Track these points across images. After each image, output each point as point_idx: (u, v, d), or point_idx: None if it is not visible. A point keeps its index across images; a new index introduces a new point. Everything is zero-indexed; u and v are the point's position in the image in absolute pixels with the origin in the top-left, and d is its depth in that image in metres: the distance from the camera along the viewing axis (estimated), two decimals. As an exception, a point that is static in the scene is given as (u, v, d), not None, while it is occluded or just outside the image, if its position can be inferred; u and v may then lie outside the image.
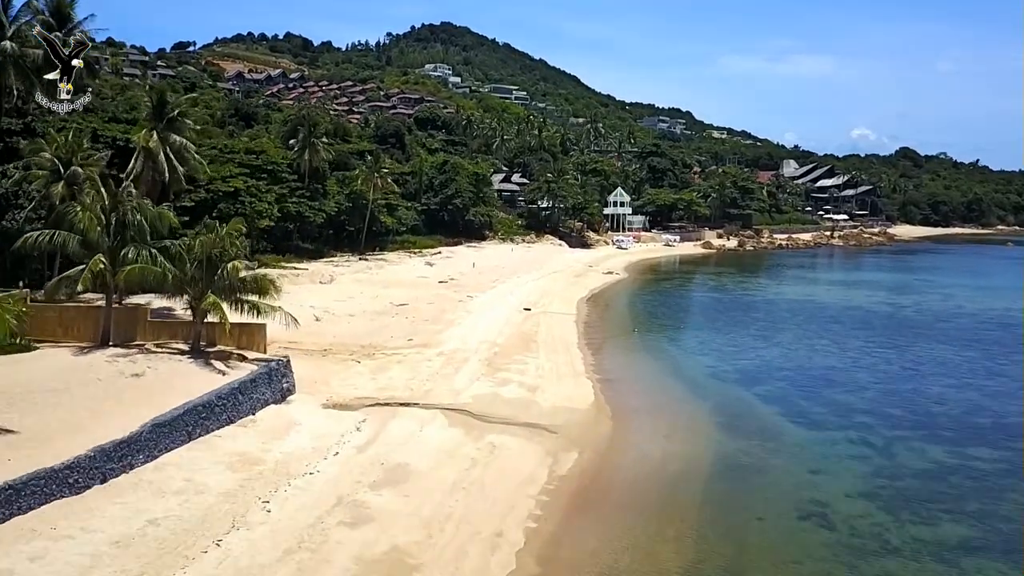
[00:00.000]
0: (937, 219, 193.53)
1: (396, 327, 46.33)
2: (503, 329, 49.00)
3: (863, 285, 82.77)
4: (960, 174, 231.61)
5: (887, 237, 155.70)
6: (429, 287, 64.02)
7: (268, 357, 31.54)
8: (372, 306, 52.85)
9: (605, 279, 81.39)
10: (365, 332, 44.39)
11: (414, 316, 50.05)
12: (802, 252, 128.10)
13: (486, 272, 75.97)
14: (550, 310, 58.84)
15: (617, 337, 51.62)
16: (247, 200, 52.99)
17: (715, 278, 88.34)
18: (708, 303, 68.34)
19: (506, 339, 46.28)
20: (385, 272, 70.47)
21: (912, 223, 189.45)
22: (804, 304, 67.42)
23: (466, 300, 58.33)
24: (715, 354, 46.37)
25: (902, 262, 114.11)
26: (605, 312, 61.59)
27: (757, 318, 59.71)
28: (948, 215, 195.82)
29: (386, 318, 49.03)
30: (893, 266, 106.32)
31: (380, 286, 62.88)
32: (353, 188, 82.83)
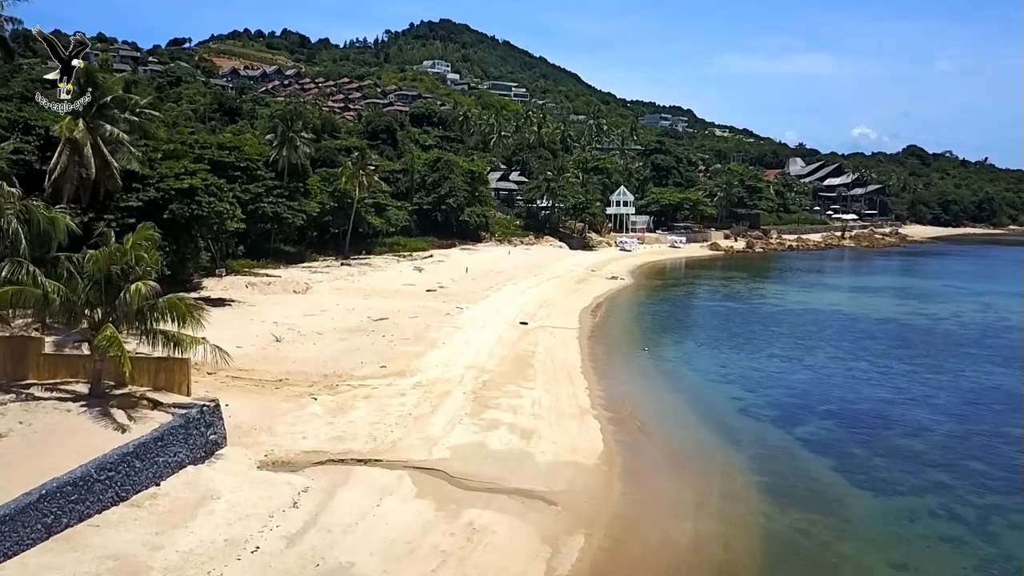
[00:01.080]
0: (948, 219, 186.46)
1: (369, 349, 39.28)
2: (495, 349, 41.95)
3: (888, 292, 75.68)
4: (969, 172, 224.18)
5: (899, 238, 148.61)
6: (415, 297, 56.96)
7: (190, 402, 24.49)
8: (346, 321, 45.80)
9: (609, 285, 74.33)
10: (332, 356, 37.36)
11: (393, 334, 42.97)
12: (813, 254, 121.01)
13: (480, 278, 68.94)
14: (549, 323, 51.82)
15: (626, 357, 44.57)
16: (205, 200, 45.84)
17: (727, 284, 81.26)
18: (723, 314, 61.27)
19: (498, 362, 39.24)
20: (368, 279, 63.41)
21: (922, 223, 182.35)
22: (830, 316, 60.39)
23: (455, 313, 51.26)
24: (740, 381, 39.32)
25: (922, 265, 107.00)
26: (611, 325, 54.56)
27: (780, 333, 52.65)
28: (959, 215, 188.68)
29: (360, 337, 41.97)
30: (914, 270, 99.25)
31: (360, 296, 55.87)
32: (337, 187, 75.84)
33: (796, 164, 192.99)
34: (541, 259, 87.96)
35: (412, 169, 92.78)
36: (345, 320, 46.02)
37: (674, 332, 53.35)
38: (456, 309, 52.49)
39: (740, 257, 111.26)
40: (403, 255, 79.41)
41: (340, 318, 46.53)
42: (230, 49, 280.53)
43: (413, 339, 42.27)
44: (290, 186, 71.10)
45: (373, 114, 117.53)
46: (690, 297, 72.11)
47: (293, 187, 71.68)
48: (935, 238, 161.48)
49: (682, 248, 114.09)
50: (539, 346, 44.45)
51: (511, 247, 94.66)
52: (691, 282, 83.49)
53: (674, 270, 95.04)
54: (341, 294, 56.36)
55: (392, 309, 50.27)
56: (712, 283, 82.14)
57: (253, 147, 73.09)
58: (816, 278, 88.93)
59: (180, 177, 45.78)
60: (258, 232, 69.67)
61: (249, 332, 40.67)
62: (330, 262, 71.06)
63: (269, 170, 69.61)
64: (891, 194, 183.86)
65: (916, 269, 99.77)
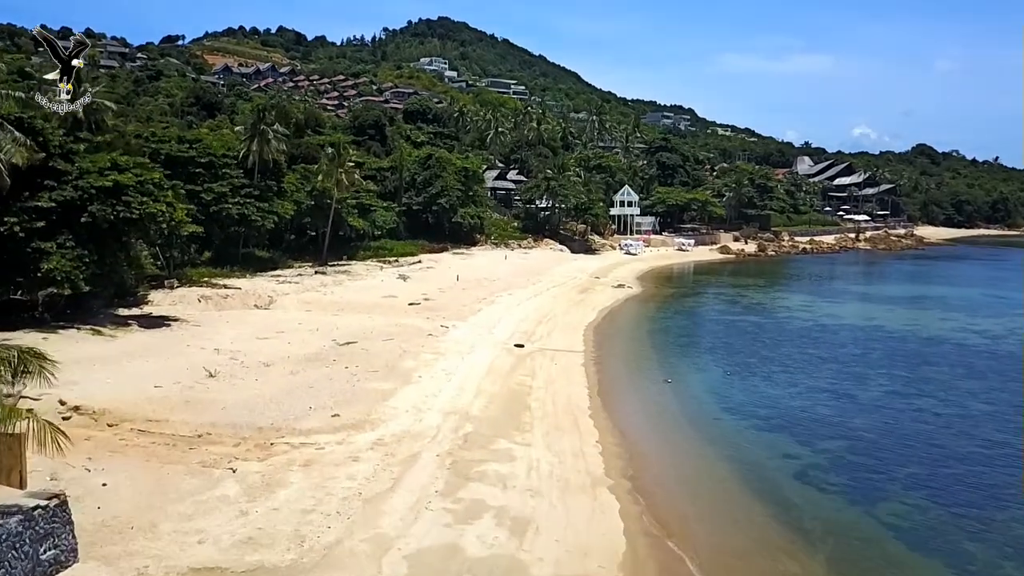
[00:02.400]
0: (961, 220, 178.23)
1: (325, 387, 31.04)
2: (483, 385, 33.74)
3: (926, 303, 67.42)
4: (980, 172, 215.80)
5: (916, 240, 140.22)
6: (395, 312, 48.75)
7: (12, 502, 16.27)
8: (306, 346, 37.59)
9: (615, 295, 66.17)
10: (275, 398, 29.14)
11: (359, 364, 34.76)
12: (829, 257, 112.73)
13: (472, 287, 60.77)
14: (550, 345, 43.70)
15: (643, 391, 36.41)
16: (135, 200, 37.61)
17: (744, 292, 73.09)
18: (748, 331, 53.07)
19: (486, 404, 31.04)
20: (343, 290, 55.20)
21: (934, 223, 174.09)
22: (871, 334, 52.19)
23: (439, 333, 43.06)
24: (787, 427, 31.11)
25: (950, 271, 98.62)
26: (621, 345, 46.39)
27: (818, 357, 44.45)
28: (972, 215, 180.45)
29: (317, 369, 33.75)
30: (944, 276, 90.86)
31: (331, 311, 47.73)
32: (315, 186, 67.66)
33: (804, 163, 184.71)
34: (540, 264, 79.76)
35: (401, 167, 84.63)
36: (304, 345, 37.78)
37: (696, 355, 45.08)
38: (441, 328, 44.27)
39: (752, 261, 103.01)
40: (388, 261, 71.23)
41: (299, 342, 38.31)
42: (224, 47, 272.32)
43: (383, 371, 34.03)
44: (261, 185, 62.92)
45: (361, 108, 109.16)
46: (707, 309, 63.89)
47: (264, 186, 63.51)
48: (951, 240, 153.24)
49: (690, 251, 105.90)
50: (537, 377, 36.27)
51: (508, 251, 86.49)
52: (705, 290, 75.26)
53: (685, 276, 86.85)
54: (308, 309, 48.21)
55: (364, 329, 42.06)
56: (728, 291, 73.89)
57: (220, 142, 65.13)
58: (841, 286, 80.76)
59: (104, 173, 37.50)
60: (224, 236, 61.65)
61: (178, 365, 32.50)
62: (304, 269, 62.87)
63: (238, 167, 61.64)
64: (902, 194, 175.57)
65: (945, 275, 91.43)
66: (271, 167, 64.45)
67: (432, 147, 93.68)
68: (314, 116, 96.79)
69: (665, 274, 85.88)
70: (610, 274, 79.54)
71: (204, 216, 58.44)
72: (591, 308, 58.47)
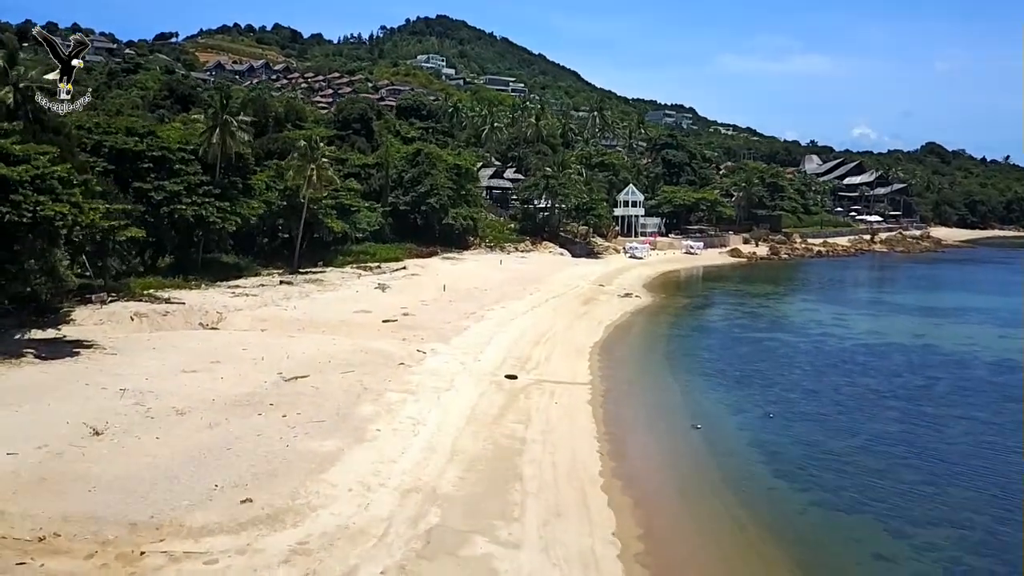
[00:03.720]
0: (974, 220, 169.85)
1: (247, 448, 22.85)
2: (461, 441, 25.57)
3: (975, 316, 59.05)
4: (992, 171, 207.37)
5: (934, 242, 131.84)
6: (365, 331, 40.56)
7: None
8: (241, 383, 29.36)
9: (623, 307, 58.06)
10: (171, 469, 20.94)
11: (301, 411, 26.54)
12: (844, 261, 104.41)
13: (460, 299, 52.62)
14: (549, 374, 35.69)
15: (670, 444, 28.17)
16: (29, 199, 29.42)
17: (765, 302, 64.96)
18: (780, 352, 44.86)
19: (463, 472, 22.91)
20: (310, 304, 46.96)
21: (947, 224, 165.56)
22: (927, 357, 43.96)
23: (413, 361, 34.86)
24: (874, 507, 22.87)
25: (981, 276, 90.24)
26: (634, 373, 38.29)
27: (879, 392, 36.28)
28: (986, 215, 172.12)
29: (245, 418, 25.53)
30: (978, 283, 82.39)
31: (289, 331, 39.58)
32: (286, 184, 59.58)
33: (813, 162, 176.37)
34: (539, 270, 71.50)
35: (387, 163, 76.38)
36: (239, 381, 29.54)
37: (724, 387, 36.77)
38: (416, 355, 36.08)
39: (765, 265, 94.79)
40: (369, 267, 63.07)
41: (234, 377, 30.07)
42: (219, 44, 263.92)
43: (331, 422, 25.79)
44: (223, 182, 54.83)
45: (346, 102, 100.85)
46: (727, 324, 55.61)
47: (228, 183, 55.42)
48: (967, 241, 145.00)
49: (699, 255, 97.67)
50: (533, 424, 28.14)
51: (503, 255, 78.26)
52: (721, 300, 67.04)
53: (695, 283, 78.66)
54: (263, 328, 40.08)
55: (322, 357, 33.83)
56: (746, 301, 65.61)
57: (178, 134, 57.09)
58: (870, 294, 72.68)
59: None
60: (179, 241, 53.57)
61: (59, 415, 24.32)
62: (271, 278, 54.66)
63: (199, 163, 53.68)
64: (914, 194, 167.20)
65: (979, 281, 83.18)
66: (236, 163, 56.40)
67: (423, 143, 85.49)
68: (295, 109, 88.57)
69: (674, 280, 77.65)
70: (615, 281, 71.31)
71: (153, 218, 50.67)
72: (596, 323, 50.39)
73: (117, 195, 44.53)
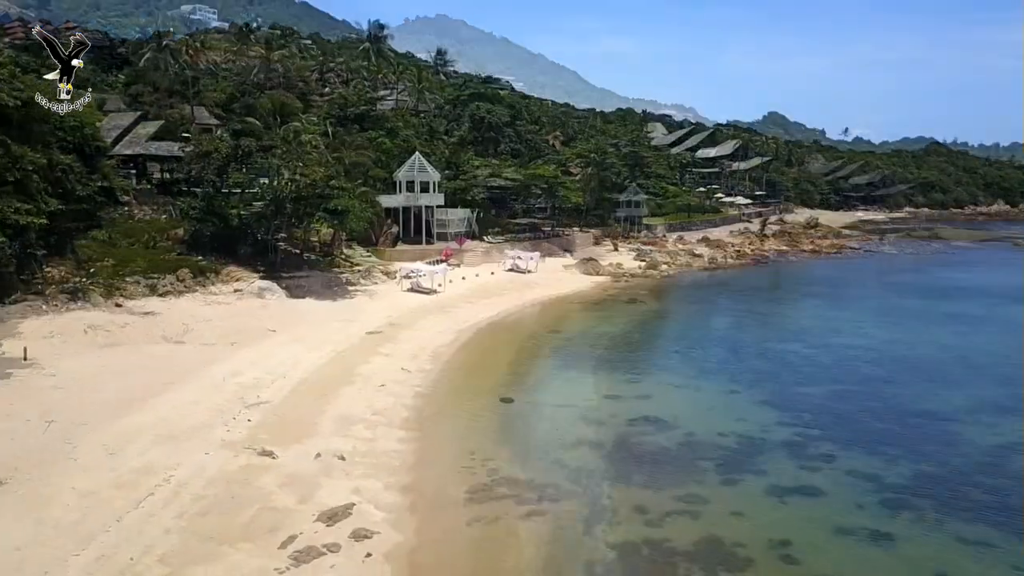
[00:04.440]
0: (838, 201, 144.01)
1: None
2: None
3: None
4: (846, 144, 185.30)
5: (832, 232, 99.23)
6: None
7: None
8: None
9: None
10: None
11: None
12: (757, 276, 68.25)
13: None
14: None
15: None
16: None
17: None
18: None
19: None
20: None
21: (809, 205, 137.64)
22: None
23: None
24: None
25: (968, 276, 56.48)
26: None
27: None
28: (849, 196, 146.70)
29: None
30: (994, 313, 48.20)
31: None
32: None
33: (657, 130, 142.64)
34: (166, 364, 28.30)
35: None
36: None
37: None
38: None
39: (649, 291, 55.90)
40: None
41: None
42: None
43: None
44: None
45: None
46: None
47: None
48: (848, 227, 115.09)
49: (533, 272, 57.45)
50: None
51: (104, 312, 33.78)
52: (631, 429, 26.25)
53: (550, 345, 37.62)
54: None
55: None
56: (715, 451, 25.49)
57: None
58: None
59: None
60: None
61: None
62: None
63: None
64: (775, 170, 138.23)
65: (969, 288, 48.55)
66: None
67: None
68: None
69: (503, 342, 36.53)
70: (363, 363, 29.23)
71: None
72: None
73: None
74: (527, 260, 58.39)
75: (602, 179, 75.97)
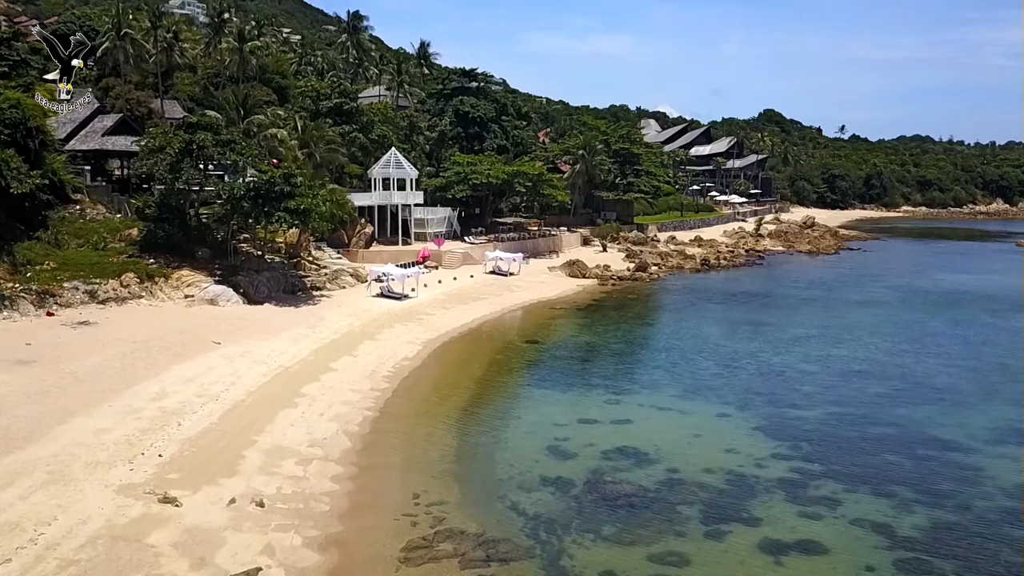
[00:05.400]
0: (835, 199, 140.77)
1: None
2: None
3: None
4: (844, 144, 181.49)
5: (829, 232, 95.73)
6: None
7: None
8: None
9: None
10: None
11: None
12: (751, 277, 65.07)
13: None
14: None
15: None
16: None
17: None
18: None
19: None
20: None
21: (805, 204, 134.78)
22: None
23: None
24: None
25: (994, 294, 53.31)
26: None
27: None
28: (847, 193, 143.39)
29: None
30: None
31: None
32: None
33: (651, 127, 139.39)
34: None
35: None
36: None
37: None
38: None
39: (637, 296, 52.68)
40: None
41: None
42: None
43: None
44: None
45: None
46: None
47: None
48: (866, 230, 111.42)
49: (517, 274, 54.11)
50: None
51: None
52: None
53: (526, 358, 34.27)
54: None
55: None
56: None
57: None
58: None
59: None
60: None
61: None
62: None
63: None
64: (770, 167, 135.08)
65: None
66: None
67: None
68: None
69: (484, 350, 33.22)
70: (312, 382, 25.80)
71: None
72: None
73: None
74: (509, 262, 55.02)
75: (591, 176, 72.53)
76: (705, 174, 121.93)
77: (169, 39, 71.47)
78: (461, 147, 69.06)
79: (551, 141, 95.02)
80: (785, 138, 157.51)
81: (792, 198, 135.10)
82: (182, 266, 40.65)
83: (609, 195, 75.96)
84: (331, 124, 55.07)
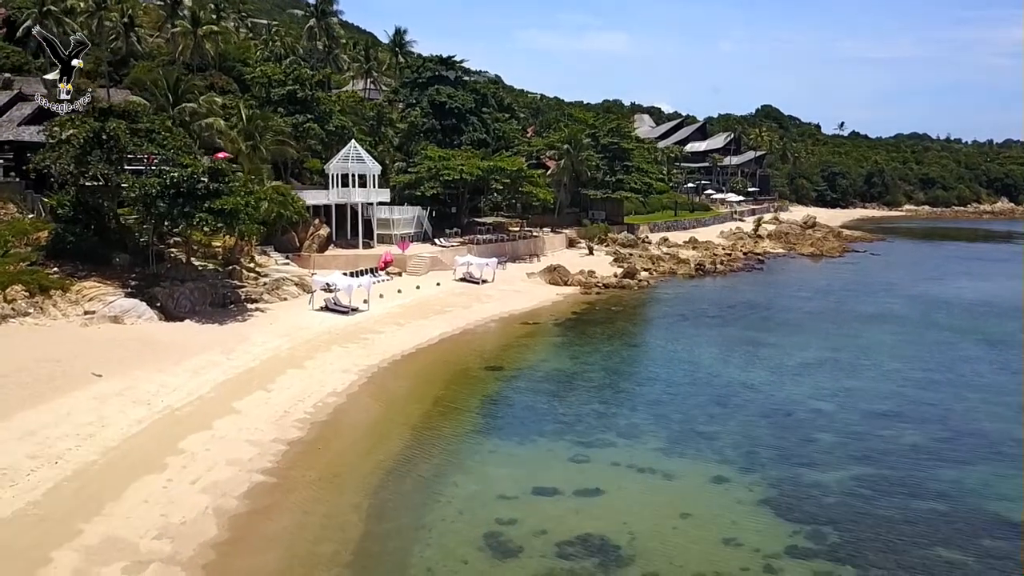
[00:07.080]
0: (835, 197, 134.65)
1: None
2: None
3: None
4: (843, 140, 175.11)
5: (832, 233, 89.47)
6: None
7: None
8: None
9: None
10: None
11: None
12: (751, 283, 59.01)
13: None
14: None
15: None
16: None
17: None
18: None
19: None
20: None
21: (803, 202, 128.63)
22: None
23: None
24: None
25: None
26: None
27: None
28: (847, 191, 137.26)
29: None
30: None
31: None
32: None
33: (644, 123, 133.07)
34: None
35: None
36: None
37: None
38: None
39: (624, 305, 46.49)
40: None
41: None
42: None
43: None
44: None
45: None
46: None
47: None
48: (868, 230, 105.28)
49: (490, 281, 47.92)
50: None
51: None
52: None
53: (482, 392, 28.13)
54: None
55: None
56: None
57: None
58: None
59: None
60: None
61: None
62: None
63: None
64: (769, 164, 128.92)
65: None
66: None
67: None
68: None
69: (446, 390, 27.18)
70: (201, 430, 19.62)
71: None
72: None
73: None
74: (481, 267, 48.74)
75: (577, 173, 66.32)
76: (701, 171, 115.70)
77: (124, 23, 65.39)
78: (437, 141, 62.79)
79: (536, 135, 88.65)
80: (784, 135, 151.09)
81: (791, 196, 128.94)
82: (91, 276, 34.44)
83: (597, 193, 69.72)
84: (283, 114, 48.73)
